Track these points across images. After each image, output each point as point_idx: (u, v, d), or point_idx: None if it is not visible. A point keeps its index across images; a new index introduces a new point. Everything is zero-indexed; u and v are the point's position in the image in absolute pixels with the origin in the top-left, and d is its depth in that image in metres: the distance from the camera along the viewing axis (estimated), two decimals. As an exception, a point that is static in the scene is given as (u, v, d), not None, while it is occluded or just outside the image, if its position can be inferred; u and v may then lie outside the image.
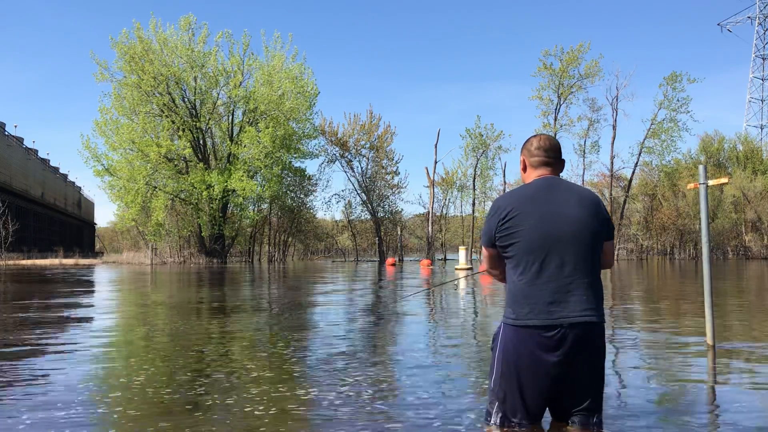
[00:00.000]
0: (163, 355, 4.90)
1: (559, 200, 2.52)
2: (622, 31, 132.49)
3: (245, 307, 9.15)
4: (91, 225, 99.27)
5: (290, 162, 44.22)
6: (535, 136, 2.74)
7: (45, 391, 3.64)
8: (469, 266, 24.26)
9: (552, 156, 2.66)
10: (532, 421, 2.49)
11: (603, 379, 2.52)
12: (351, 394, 3.48)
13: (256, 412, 3.10)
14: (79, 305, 9.67)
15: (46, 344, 5.52)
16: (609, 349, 5.18)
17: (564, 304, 2.40)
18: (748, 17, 77.88)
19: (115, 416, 3.07)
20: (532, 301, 2.42)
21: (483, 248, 2.68)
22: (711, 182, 5.18)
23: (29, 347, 5.35)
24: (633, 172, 46.31)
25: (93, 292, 13.17)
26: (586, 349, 2.42)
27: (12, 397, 3.47)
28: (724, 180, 5.59)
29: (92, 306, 9.77)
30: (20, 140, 60.91)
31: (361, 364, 4.46)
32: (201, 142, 41.73)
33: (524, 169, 2.72)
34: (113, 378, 4.02)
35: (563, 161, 2.71)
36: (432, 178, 47.99)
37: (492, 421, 2.54)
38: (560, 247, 2.45)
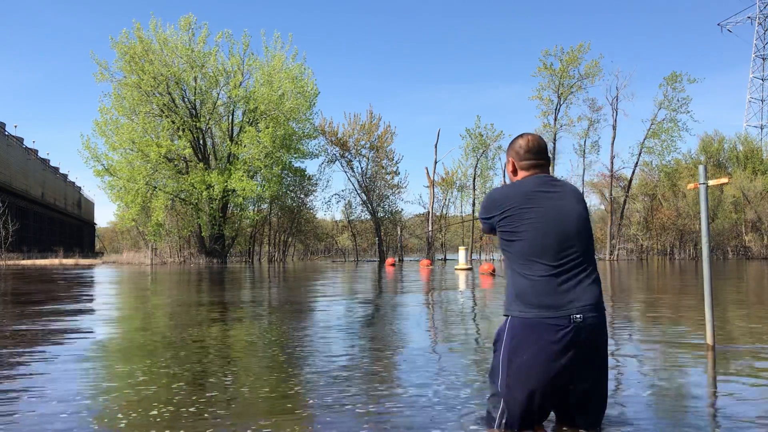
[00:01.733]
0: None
1: (560, 196, 2.55)
2: (622, 32, 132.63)
3: (251, 315, 9.14)
4: (91, 225, 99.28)
5: (290, 162, 44.24)
6: (521, 136, 2.71)
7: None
8: (469, 266, 24.24)
9: (541, 157, 2.67)
10: (538, 421, 2.47)
11: (607, 376, 2.55)
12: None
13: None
14: (75, 312, 9.67)
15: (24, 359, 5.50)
16: (609, 348, 5.18)
17: (575, 298, 2.41)
18: (748, 17, 77.90)
19: None
20: (542, 294, 2.41)
21: (480, 223, 2.72)
22: (711, 182, 5.18)
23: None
24: (633, 172, 46.33)
25: (91, 298, 13.16)
26: (597, 343, 2.45)
27: None
28: (724, 180, 5.58)
29: (89, 311, 9.76)
30: (20, 140, 60.91)
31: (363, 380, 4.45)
32: (201, 142, 41.74)
33: (513, 172, 2.71)
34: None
35: (550, 159, 2.75)
36: (432, 178, 48.01)
37: (496, 425, 2.50)
38: (567, 242, 2.47)
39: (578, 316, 2.37)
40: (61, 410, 3.16)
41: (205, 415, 3.06)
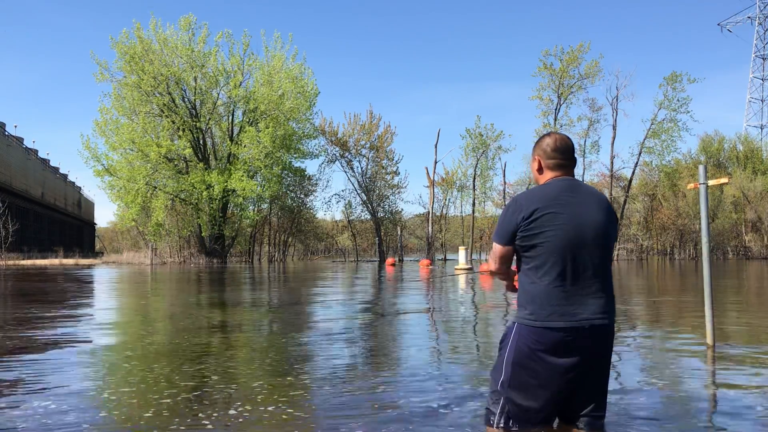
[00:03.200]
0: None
1: (583, 203, 2.51)
2: (622, 32, 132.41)
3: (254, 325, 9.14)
4: (91, 225, 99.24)
5: (290, 162, 44.21)
6: (549, 135, 2.68)
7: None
8: (469, 266, 24.24)
9: (568, 158, 2.63)
10: (538, 425, 2.47)
11: (608, 379, 2.56)
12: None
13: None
14: (72, 318, 9.67)
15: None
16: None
17: (584, 306, 2.41)
18: (748, 17, 77.84)
19: None
20: (554, 302, 2.40)
21: (495, 245, 2.58)
22: (711, 182, 5.18)
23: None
24: (633, 172, 46.29)
25: (90, 303, 13.16)
26: (600, 351, 2.47)
27: None
28: (724, 180, 5.59)
29: (87, 317, 9.77)
30: (20, 140, 60.90)
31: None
32: (201, 142, 41.72)
33: (539, 170, 2.66)
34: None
35: (576, 161, 2.70)
36: (432, 178, 47.99)
37: (495, 423, 2.50)
38: (584, 251, 2.45)
39: (586, 326, 2.38)
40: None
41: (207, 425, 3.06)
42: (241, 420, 2.98)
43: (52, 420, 2.99)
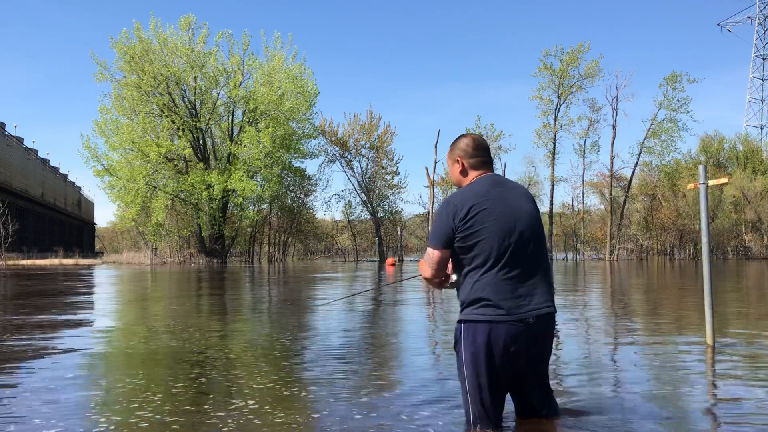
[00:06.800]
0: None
1: (512, 196, 2.58)
2: (622, 32, 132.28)
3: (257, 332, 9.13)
4: (91, 225, 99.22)
5: (290, 162, 44.21)
6: (465, 136, 2.74)
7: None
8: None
9: (488, 155, 2.72)
10: (500, 412, 2.57)
11: (548, 363, 2.71)
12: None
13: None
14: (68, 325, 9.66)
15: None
16: (608, 349, 5.19)
17: (530, 297, 2.49)
18: (748, 17, 77.81)
19: None
20: (502, 296, 2.45)
21: (431, 250, 2.58)
22: (711, 182, 5.18)
23: None
24: (633, 172, 46.29)
25: (90, 308, 13.15)
26: (548, 337, 2.60)
27: None
28: (724, 180, 5.59)
29: (84, 324, 9.75)
30: (20, 140, 60.89)
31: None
32: (201, 142, 41.72)
33: (462, 171, 2.69)
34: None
35: (492, 159, 2.84)
36: (432, 178, 47.97)
37: (473, 422, 2.55)
38: (522, 242, 2.52)
39: (534, 313, 2.47)
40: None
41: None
42: None
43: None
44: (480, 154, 2.67)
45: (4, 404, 3.33)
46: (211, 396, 3.49)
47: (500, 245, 2.47)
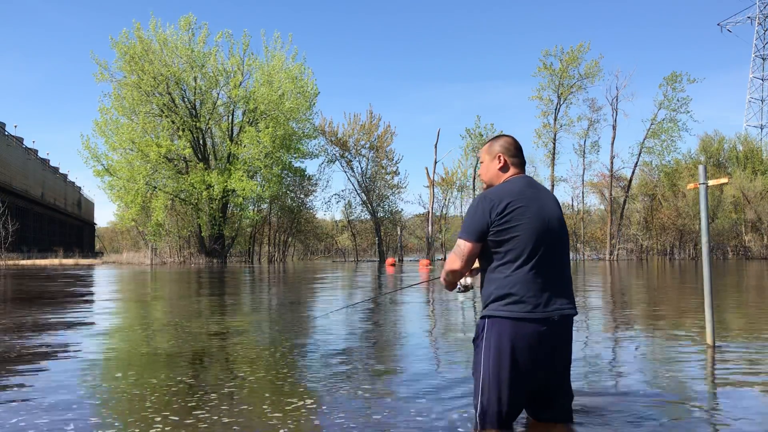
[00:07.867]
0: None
1: (543, 198, 2.63)
2: (622, 32, 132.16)
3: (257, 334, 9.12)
4: (91, 225, 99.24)
5: (290, 162, 44.24)
6: (505, 136, 2.79)
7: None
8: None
9: (524, 157, 2.79)
10: (515, 414, 2.55)
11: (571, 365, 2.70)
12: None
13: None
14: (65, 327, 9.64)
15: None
16: (608, 348, 5.19)
17: (556, 297, 2.52)
18: (748, 17, 77.79)
19: None
20: (531, 293, 2.48)
21: (463, 242, 2.58)
22: (711, 182, 5.18)
23: None
24: (633, 172, 46.32)
25: (89, 311, 13.13)
26: (569, 339, 2.61)
27: None
28: (724, 180, 5.59)
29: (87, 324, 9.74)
30: (20, 140, 60.90)
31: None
32: (201, 142, 41.74)
33: (502, 168, 2.72)
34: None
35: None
36: (432, 178, 48.00)
37: (485, 419, 2.53)
38: (552, 243, 2.56)
39: (558, 313, 2.50)
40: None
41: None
42: None
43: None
44: (519, 154, 2.75)
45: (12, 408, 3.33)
46: (267, 395, 3.49)
47: (534, 244, 2.51)
